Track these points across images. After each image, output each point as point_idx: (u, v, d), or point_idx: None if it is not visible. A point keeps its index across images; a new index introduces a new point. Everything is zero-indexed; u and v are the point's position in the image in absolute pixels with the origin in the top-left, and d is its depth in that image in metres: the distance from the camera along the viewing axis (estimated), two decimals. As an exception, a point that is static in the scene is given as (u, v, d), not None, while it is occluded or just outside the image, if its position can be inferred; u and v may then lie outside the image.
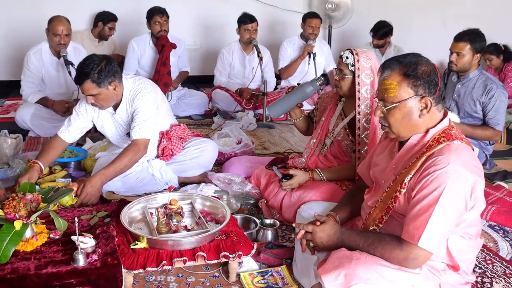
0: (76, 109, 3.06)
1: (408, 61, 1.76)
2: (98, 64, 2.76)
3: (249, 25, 5.03)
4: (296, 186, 2.68)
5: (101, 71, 2.75)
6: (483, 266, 2.39)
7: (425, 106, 1.75)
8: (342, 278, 1.68)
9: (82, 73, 2.75)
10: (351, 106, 2.66)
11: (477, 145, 3.57)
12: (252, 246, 2.17)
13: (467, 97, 3.52)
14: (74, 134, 3.04)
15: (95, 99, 2.83)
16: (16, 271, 1.84)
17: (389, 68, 1.78)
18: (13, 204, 2.00)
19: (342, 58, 2.54)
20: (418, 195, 1.69)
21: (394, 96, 1.75)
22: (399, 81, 1.74)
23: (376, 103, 1.84)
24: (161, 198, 2.42)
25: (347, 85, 2.56)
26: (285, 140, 4.36)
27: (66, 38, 4.08)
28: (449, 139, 1.73)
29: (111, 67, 2.80)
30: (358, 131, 2.57)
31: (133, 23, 5.97)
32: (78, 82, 2.80)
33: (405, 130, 1.80)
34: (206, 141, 3.35)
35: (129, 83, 3.00)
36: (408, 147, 1.82)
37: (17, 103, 4.96)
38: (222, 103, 5.12)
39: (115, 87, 2.85)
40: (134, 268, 1.97)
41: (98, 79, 2.75)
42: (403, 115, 1.76)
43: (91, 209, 2.42)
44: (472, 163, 1.72)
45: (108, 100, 2.88)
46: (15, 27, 5.78)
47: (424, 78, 1.73)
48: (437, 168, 1.66)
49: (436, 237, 1.67)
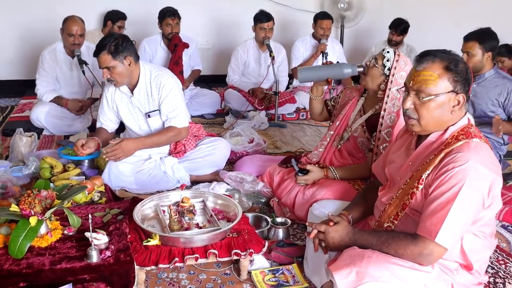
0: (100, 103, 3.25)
1: (449, 56, 1.74)
2: (116, 38, 2.92)
3: (265, 23, 5.03)
4: (311, 182, 2.70)
5: (118, 44, 2.89)
6: (495, 266, 2.37)
7: (457, 102, 1.74)
8: (354, 275, 1.68)
9: (100, 45, 2.90)
10: (371, 103, 2.68)
11: (491, 144, 3.54)
12: (263, 244, 2.18)
13: (484, 96, 3.50)
14: (109, 124, 3.24)
15: (110, 73, 2.92)
16: (31, 266, 1.87)
17: (429, 60, 1.74)
18: (29, 201, 2.02)
19: (384, 51, 2.56)
20: (436, 191, 1.69)
21: (432, 88, 1.72)
22: (439, 74, 1.72)
23: (405, 94, 1.80)
24: (173, 196, 2.45)
25: (375, 75, 2.56)
26: (296, 140, 4.36)
27: (80, 38, 4.13)
28: (468, 137, 1.72)
29: (128, 44, 2.95)
30: (380, 127, 2.56)
31: (144, 24, 5.99)
32: (95, 54, 2.92)
33: (433, 124, 1.78)
34: (219, 139, 3.40)
35: (147, 67, 3.11)
36: (426, 144, 1.82)
37: (32, 102, 5.01)
38: (234, 102, 5.14)
39: (130, 63, 2.95)
40: (146, 264, 1.99)
41: (114, 51, 2.88)
42: (436, 109, 1.74)
43: (104, 206, 2.45)
44: (491, 161, 1.71)
45: (123, 75, 2.97)
46: (31, 28, 5.84)
47: (463, 75, 1.72)
48: (456, 165, 1.66)
49: (453, 234, 1.66)
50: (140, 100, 3.11)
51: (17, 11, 5.78)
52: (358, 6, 6.47)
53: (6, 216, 2.04)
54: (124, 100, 3.14)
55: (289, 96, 5.19)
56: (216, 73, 6.57)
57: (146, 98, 3.10)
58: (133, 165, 3.13)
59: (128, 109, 3.16)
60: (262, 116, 4.84)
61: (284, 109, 5.07)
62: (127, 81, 3.03)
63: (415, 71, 1.78)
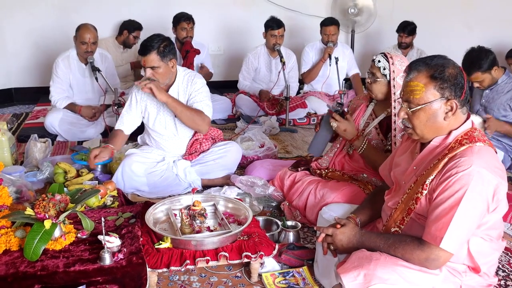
0: (128, 102, 3.28)
1: (435, 63, 1.75)
2: (164, 40, 3.03)
3: (276, 30, 5.05)
4: (342, 128, 2.66)
5: (166, 46, 3.02)
6: (507, 269, 2.37)
7: (450, 108, 1.74)
8: (362, 278, 1.69)
9: (149, 45, 2.99)
10: (382, 107, 2.70)
11: (503, 149, 3.54)
12: (273, 247, 2.20)
13: (496, 101, 3.51)
14: (129, 125, 3.26)
15: (154, 72, 3.02)
16: (46, 268, 1.91)
17: (415, 70, 1.77)
18: (43, 204, 2.06)
19: (375, 62, 2.58)
20: (440, 197, 1.69)
21: (419, 97, 1.75)
22: (425, 83, 1.74)
23: (400, 104, 1.84)
24: (185, 200, 2.48)
25: (380, 88, 2.59)
26: (307, 144, 4.36)
27: (93, 46, 4.19)
28: (471, 141, 1.73)
29: (173, 47, 3.09)
30: (394, 131, 2.57)
31: (157, 31, 6.05)
32: (144, 53, 3.00)
33: (429, 132, 1.80)
34: (231, 143, 3.45)
35: (181, 70, 3.24)
36: (430, 149, 1.83)
37: (46, 109, 5.09)
38: (245, 108, 5.17)
39: (173, 65, 3.09)
40: (158, 267, 2.02)
41: (163, 52, 3.00)
42: (428, 117, 1.76)
43: (116, 210, 2.49)
44: (495, 165, 1.71)
45: (165, 76, 3.08)
46: (45, 35, 5.93)
47: (451, 80, 1.73)
48: (459, 170, 1.66)
49: (457, 239, 1.67)
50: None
51: (32, 19, 5.88)
52: (368, 11, 6.49)
53: (21, 220, 2.08)
54: (154, 100, 3.18)
55: (300, 101, 5.21)
56: (227, 79, 6.61)
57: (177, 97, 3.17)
58: (146, 165, 3.18)
59: (157, 109, 3.22)
60: (273, 121, 4.86)
61: (295, 114, 5.10)
62: (167, 82, 3.14)
63: (405, 82, 1.82)
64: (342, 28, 6.04)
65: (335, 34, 5.35)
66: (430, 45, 5.94)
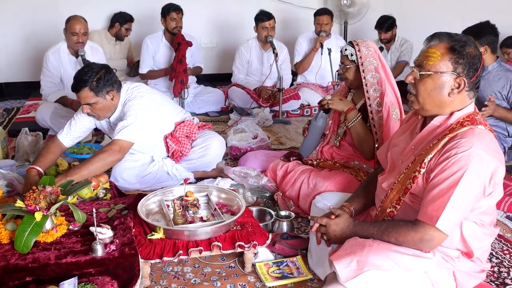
0: (77, 115, 2.96)
1: (459, 38, 1.74)
2: (97, 72, 2.72)
3: (266, 22, 5.05)
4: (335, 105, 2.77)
5: (100, 79, 2.71)
6: (500, 256, 2.37)
7: (458, 86, 1.73)
8: (355, 264, 1.69)
9: (80, 80, 2.70)
10: (360, 95, 2.76)
11: (496, 136, 3.54)
12: (267, 236, 2.19)
13: (487, 89, 3.49)
14: (73, 139, 2.95)
15: (92, 108, 2.77)
16: (37, 260, 1.89)
17: (437, 38, 1.76)
18: (34, 196, 2.04)
19: (342, 51, 2.71)
20: (438, 177, 1.68)
21: (432, 64, 1.73)
22: (443, 53, 1.72)
23: (412, 69, 1.81)
24: (177, 191, 2.46)
25: (352, 74, 2.71)
26: (300, 136, 4.36)
27: (83, 37, 4.14)
28: (473, 123, 1.72)
29: (110, 76, 2.76)
30: (371, 114, 2.66)
31: (148, 23, 6.03)
32: (76, 89, 2.73)
33: (430, 104, 1.78)
34: (211, 137, 3.26)
35: (123, 92, 2.90)
36: (431, 129, 1.81)
37: (37, 103, 5.05)
38: (238, 100, 5.16)
39: (112, 97, 2.80)
40: (151, 257, 2.00)
41: (97, 87, 2.71)
42: (433, 87, 1.74)
43: (109, 202, 2.47)
44: (494, 149, 1.71)
45: (105, 110, 2.82)
46: (35, 29, 5.89)
47: (468, 58, 1.71)
48: (459, 151, 1.66)
49: (453, 220, 1.67)
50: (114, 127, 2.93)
51: (22, 13, 5.83)
52: (361, 3, 6.46)
53: (12, 212, 2.06)
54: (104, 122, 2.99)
55: (293, 93, 5.20)
56: (220, 71, 6.60)
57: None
58: (137, 171, 3.09)
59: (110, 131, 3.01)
60: (267, 113, 4.85)
61: (289, 105, 5.09)
62: (109, 114, 2.89)
63: (424, 48, 1.79)
64: (335, 19, 6.02)
65: (328, 24, 5.34)
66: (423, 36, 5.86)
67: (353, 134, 2.73)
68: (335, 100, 2.79)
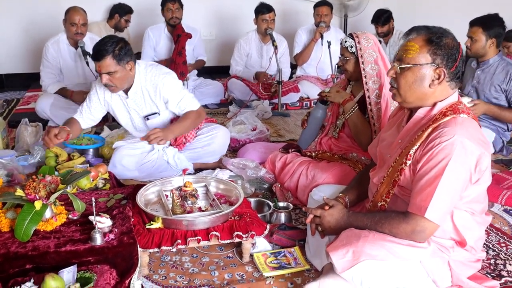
0: (89, 96, 3.12)
1: (436, 30, 1.77)
2: (118, 42, 2.83)
3: (266, 15, 5.04)
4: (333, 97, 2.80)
5: (122, 48, 2.82)
6: (496, 248, 2.39)
7: (437, 77, 1.75)
8: (350, 255, 1.71)
9: (103, 49, 2.78)
10: (360, 87, 2.77)
11: (495, 130, 3.55)
12: (265, 227, 2.20)
13: (487, 83, 3.49)
14: (87, 121, 3.12)
15: (111, 78, 2.84)
16: (37, 248, 1.91)
17: (415, 32, 1.79)
18: (33, 186, 2.06)
19: (342, 43, 2.72)
20: (424, 167, 1.71)
21: (411, 57, 1.76)
22: (421, 45, 1.75)
23: (392, 64, 1.84)
24: (176, 181, 2.47)
25: (351, 66, 2.72)
26: (299, 128, 4.36)
27: (82, 28, 4.14)
28: (455, 112, 1.74)
29: (129, 48, 2.89)
30: (370, 106, 2.67)
31: (148, 15, 6.02)
32: (98, 58, 2.80)
33: (412, 96, 1.80)
34: (217, 128, 3.35)
35: (141, 68, 3.02)
36: (415, 121, 1.84)
37: (37, 95, 5.05)
38: (237, 92, 5.16)
39: (131, 68, 2.91)
40: (149, 247, 2.02)
41: (119, 56, 2.80)
42: (414, 79, 1.77)
43: (108, 192, 2.48)
44: (478, 136, 1.73)
45: (123, 81, 2.91)
46: (35, 21, 5.88)
47: (446, 49, 1.74)
48: (442, 140, 1.68)
49: (441, 209, 1.69)
50: (137, 102, 3.08)
51: (22, 5, 5.82)
52: (361, -4, 6.45)
53: (12, 201, 2.08)
54: (118, 101, 3.10)
55: (293, 85, 5.20)
56: (219, 64, 6.59)
57: (142, 101, 3.07)
58: (137, 158, 3.12)
59: (125, 110, 3.14)
60: (266, 105, 4.85)
61: (288, 98, 5.10)
62: (126, 86, 2.98)
63: (403, 42, 1.83)
64: (335, 12, 6.01)
65: (328, 15, 5.34)
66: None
67: (351, 125, 2.74)
68: (332, 92, 2.82)
